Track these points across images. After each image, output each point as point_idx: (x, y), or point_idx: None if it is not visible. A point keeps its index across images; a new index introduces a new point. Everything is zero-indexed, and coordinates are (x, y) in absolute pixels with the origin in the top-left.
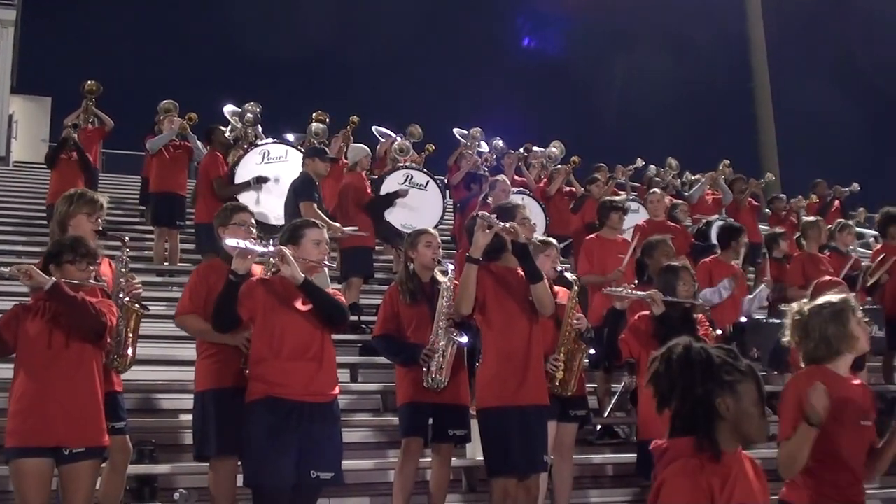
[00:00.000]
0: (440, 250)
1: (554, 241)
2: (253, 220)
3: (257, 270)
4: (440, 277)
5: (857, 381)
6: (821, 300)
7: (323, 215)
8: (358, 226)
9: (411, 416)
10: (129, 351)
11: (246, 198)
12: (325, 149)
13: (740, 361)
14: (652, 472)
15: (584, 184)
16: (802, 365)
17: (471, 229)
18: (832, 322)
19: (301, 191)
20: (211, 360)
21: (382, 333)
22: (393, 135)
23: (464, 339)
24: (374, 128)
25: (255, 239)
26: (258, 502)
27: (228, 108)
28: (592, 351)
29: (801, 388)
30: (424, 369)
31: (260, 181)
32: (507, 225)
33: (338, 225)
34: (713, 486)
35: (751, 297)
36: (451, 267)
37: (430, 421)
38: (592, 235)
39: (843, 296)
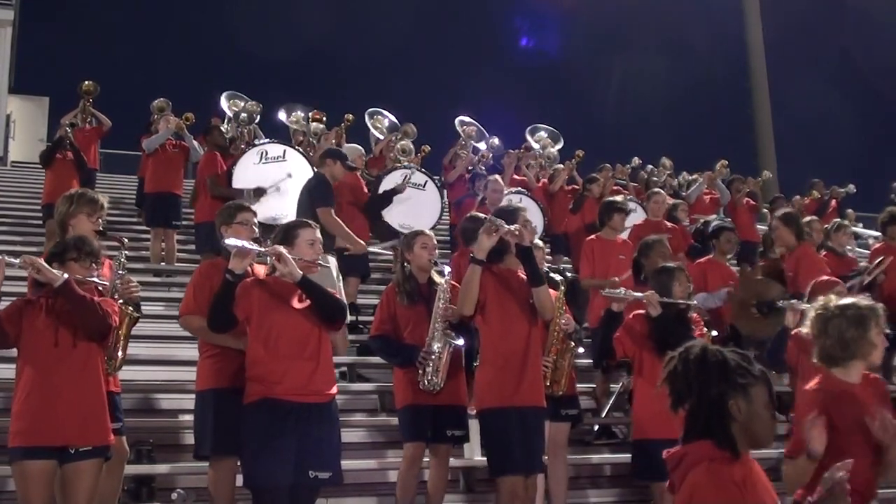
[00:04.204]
0: (436, 252)
1: (539, 242)
2: (256, 220)
3: (260, 271)
4: (437, 278)
5: (870, 376)
6: (848, 300)
7: (345, 226)
8: (353, 225)
9: (413, 421)
10: (120, 353)
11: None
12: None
13: (754, 366)
14: (646, 475)
15: (584, 183)
16: (815, 360)
17: (465, 232)
18: (853, 325)
19: (318, 195)
20: (212, 359)
21: (379, 334)
22: (393, 118)
23: (460, 342)
24: (367, 113)
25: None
26: (257, 503)
27: (224, 95)
28: (581, 350)
29: (812, 404)
30: (420, 371)
31: (258, 194)
32: (513, 228)
33: (359, 241)
34: (738, 482)
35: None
36: (447, 268)
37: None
38: (593, 237)
39: (870, 302)
